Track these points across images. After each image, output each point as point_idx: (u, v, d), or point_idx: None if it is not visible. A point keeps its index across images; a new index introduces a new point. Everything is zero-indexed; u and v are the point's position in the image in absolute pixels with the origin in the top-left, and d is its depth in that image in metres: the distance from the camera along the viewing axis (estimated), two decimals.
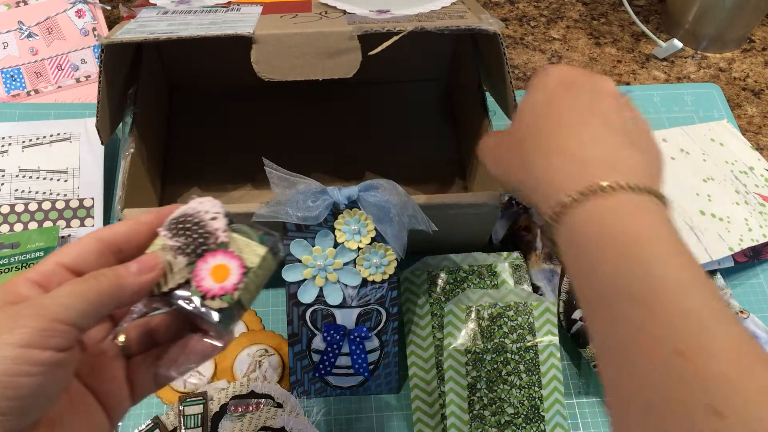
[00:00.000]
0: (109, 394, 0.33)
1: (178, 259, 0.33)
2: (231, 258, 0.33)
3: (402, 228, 0.50)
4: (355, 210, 0.51)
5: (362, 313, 0.53)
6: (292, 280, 0.52)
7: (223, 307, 0.33)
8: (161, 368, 0.34)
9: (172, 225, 0.34)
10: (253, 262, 0.34)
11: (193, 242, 0.34)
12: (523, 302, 0.54)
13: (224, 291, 0.33)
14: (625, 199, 0.33)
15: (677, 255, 0.30)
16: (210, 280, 0.33)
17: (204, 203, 0.35)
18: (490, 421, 0.50)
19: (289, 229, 0.51)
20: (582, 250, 0.33)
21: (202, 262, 0.33)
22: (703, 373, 0.26)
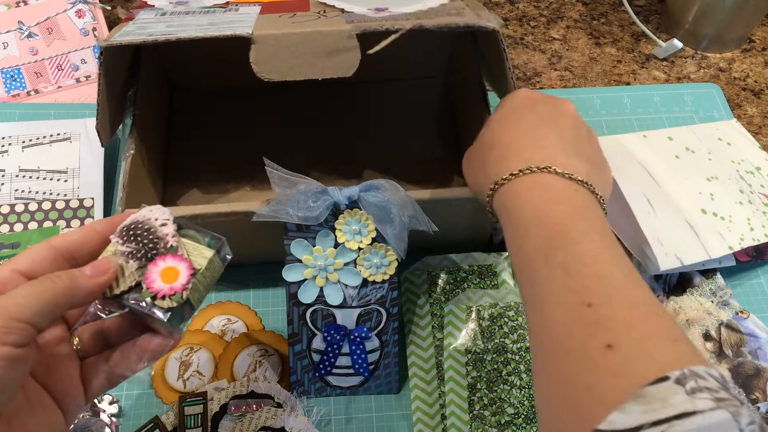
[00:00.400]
0: (65, 393, 0.35)
1: (130, 263, 0.36)
2: (180, 261, 0.36)
3: (403, 228, 0.50)
4: (355, 210, 0.50)
5: (362, 313, 0.53)
6: (292, 280, 0.52)
7: (172, 307, 0.35)
8: (115, 367, 0.37)
9: (123, 232, 0.37)
10: (201, 264, 0.36)
11: (143, 247, 0.36)
12: (523, 302, 0.54)
13: (173, 291, 0.35)
14: (556, 180, 0.39)
15: (595, 232, 0.36)
16: (160, 281, 0.35)
17: (154, 211, 0.37)
18: (491, 422, 0.50)
19: (290, 229, 0.51)
20: (514, 220, 0.39)
21: (153, 265, 0.36)
22: (605, 318, 0.32)
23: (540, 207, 0.38)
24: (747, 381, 0.53)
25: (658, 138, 0.64)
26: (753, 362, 0.54)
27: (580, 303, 0.33)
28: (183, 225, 0.38)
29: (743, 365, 0.54)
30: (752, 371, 0.54)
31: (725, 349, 0.55)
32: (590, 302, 0.33)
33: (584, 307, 0.33)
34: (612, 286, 0.33)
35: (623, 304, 0.32)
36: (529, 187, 0.40)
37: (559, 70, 0.79)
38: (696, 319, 0.56)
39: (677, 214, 0.57)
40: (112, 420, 0.52)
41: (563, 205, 0.38)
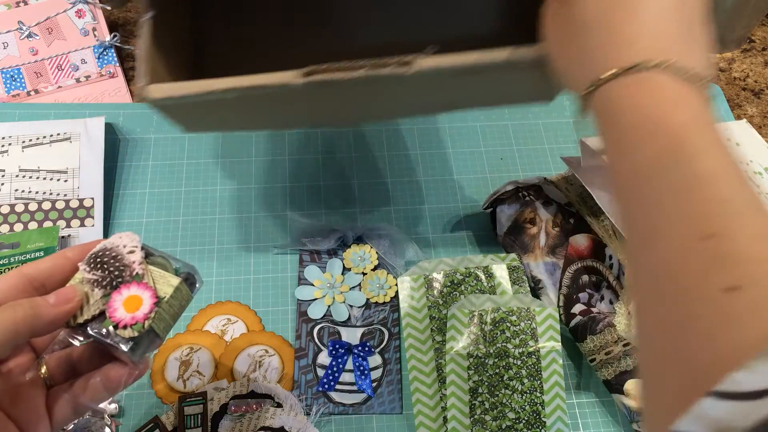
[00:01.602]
0: (29, 422, 0.35)
1: (95, 291, 0.35)
2: (144, 289, 0.35)
3: (402, 257, 0.60)
4: (362, 245, 0.61)
5: (366, 332, 0.57)
6: (303, 298, 0.58)
7: (134, 336, 0.34)
8: (80, 397, 0.36)
9: (91, 259, 0.36)
10: (166, 293, 0.36)
11: (109, 275, 0.36)
12: (525, 308, 0.54)
13: (135, 320, 0.34)
14: (672, 80, 0.32)
15: (715, 146, 0.30)
16: (122, 310, 0.35)
17: (123, 237, 0.37)
18: (492, 426, 0.50)
19: (304, 258, 0.61)
20: (619, 127, 0.32)
21: (117, 293, 0.35)
22: (729, 252, 0.26)
23: (653, 113, 0.31)
24: None
25: None
26: None
27: (697, 233, 0.27)
28: (153, 252, 0.37)
29: None
30: None
31: None
32: (711, 232, 0.26)
33: (703, 239, 0.26)
34: (737, 212, 0.27)
35: (751, 235, 0.26)
36: (640, 87, 0.32)
37: None
38: None
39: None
40: (112, 420, 0.52)
41: (680, 112, 0.31)
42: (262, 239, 0.62)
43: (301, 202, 0.65)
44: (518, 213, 0.61)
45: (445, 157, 0.69)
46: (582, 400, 0.55)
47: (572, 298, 0.56)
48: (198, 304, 0.58)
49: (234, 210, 0.64)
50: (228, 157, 0.68)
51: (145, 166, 0.66)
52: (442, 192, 0.67)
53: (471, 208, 0.66)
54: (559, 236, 0.59)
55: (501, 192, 0.61)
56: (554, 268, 0.58)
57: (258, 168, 0.67)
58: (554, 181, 0.62)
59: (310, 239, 0.61)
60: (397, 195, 0.66)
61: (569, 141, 0.71)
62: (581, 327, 0.55)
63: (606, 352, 0.54)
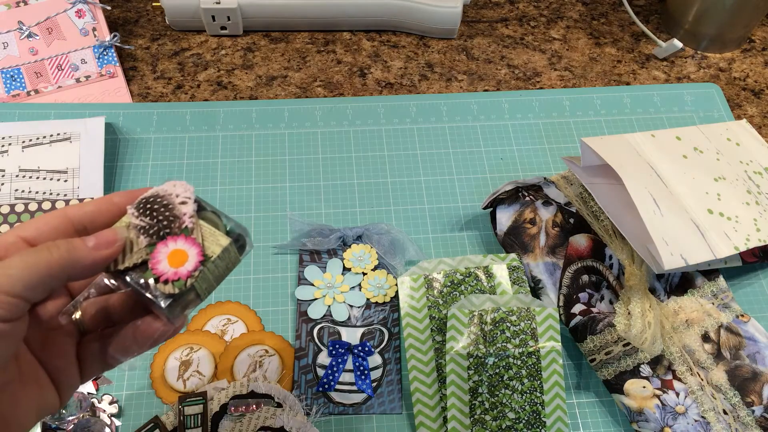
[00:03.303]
0: (59, 369, 0.33)
1: (140, 239, 0.33)
2: (191, 245, 0.33)
3: (402, 257, 0.60)
4: (361, 245, 0.61)
5: (366, 332, 0.57)
6: (303, 298, 0.58)
7: (173, 293, 0.32)
8: (110, 348, 0.34)
9: (140, 204, 0.34)
10: (214, 252, 0.33)
11: (157, 224, 0.33)
12: (525, 308, 0.54)
13: (177, 276, 0.32)
14: None
15: None
16: (166, 263, 0.33)
17: (177, 186, 0.35)
18: (492, 426, 0.50)
19: (305, 258, 0.60)
20: None
21: (162, 245, 0.33)
22: None
23: None
24: (743, 384, 0.53)
25: (667, 137, 0.64)
26: (750, 365, 0.54)
27: None
28: (206, 206, 0.35)
29: (740, 368, 0.54)
30: (749, 374, 0.54)
31: (723, 351, 0.55)
32: None
33: None
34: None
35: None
36: None
37: (559, 70, 0.79)
38: (695, 320, 0.56)
39: (683, 213, 0.57)
40: (112, 420, 0.52)
41: None
42: (262, 239, 0.62)
43: (301, 202, 0.65)
44: (518, 213, 0.61)
45: (445, 157, 0.69)
46: (582, 400, 0.55)
47: (572, 298, 0.56)
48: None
49: (234, 210, 0.64)
50: (228, 157, 0.68)
51: (145, 166, 0.67)
52: (442, 192, 0.67)
53: (471, 208, 0.66)
54: (559, 236, 0.59)
55: (501, 192, 0.61)
56: (554, 268, 0.58)
57: (258, 168, 0.67)
58: (554, 181, 0.62)
59: (310, 239, 0.61)
60: (397, 195, 0.66)
61: (569, 141, 0.71)
62: (581, 327, 0.55)
63: (606, 352, 0.54)
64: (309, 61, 0.78)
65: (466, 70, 0.78)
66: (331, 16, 0.78)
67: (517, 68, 0.79)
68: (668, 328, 0.55)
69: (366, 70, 0.77)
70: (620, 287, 0.57)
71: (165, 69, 0.76)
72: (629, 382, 0.53)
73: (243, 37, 0.79)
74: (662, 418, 0.51)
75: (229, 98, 0.74)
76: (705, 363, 0.54)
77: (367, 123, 0.71)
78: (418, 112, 0.73)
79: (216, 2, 0.75)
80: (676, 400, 0.52)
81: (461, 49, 0.80)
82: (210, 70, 0.76)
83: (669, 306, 0.57)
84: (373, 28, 0.81)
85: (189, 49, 0.78)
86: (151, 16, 0.81)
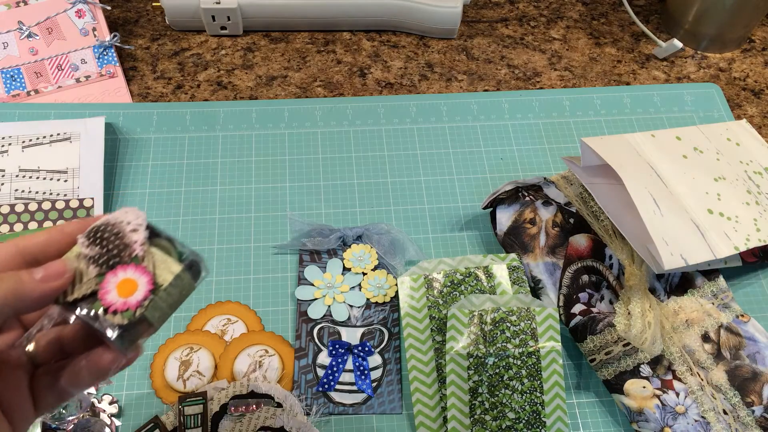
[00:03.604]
0: (12, 403, 0.32)
1: (90, 268, 0.33)
2: (141, 273, 0.33)
3: (402, 257, 0.60)
4: (361, 245, 0.61)
5: (366, 332, 0.57)
6: (303, 298, 0.58)
7: (122, 324, 0.32)
8: (62, 380, 0.33)
9: (91, 233, 0.33)
10: (165, 280, 0.33)
11: (107, 253, 0.33)
12: (525, 308, 0.54)
13: (126, 306, 0.32)
14: None
15: None
16: (115, 293, 0.32)
17: (129, 213, 0.34)
18: (492, 426, 0.50)
19: (304, 258, 0.60)
20: None
21: (112, 274, 0.32)
22: None
23: None
24: (743, 384, 0.53)
25: (667, 137, 0.64)
26: (750, 365, 0.54)
27: None
28: (159, 233, 0.34)
29: (740, 368, 0.54)
30: (749, 374, 0.54)
31: (723, 351, 0.55)
32: None
33: None
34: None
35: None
36: None
37: (559, 70, 0.79)
38: (695, 320, 0.56)
39: (683, 213, 0.57)
40: (112, 420, 0.52)
41: None
42: (262, 239, 0.62)
43: (301, 202, 0.65)
44: (518, 213, 0.61)
45: (445, 157, 0.69)
46: (582, 400, 0.55)
47: (572, 298, 0.56)
48: (198, 304, 0.58)
49: (234, 210, 0.64)
50: (228, 157, 0.68)
51: (145, 166, 0.67)
52: (442, 192, 0.67)
53: (471, 208, 0.66)
54: (559, 236, 0.59)
55: (501, 192, 0.61)
56: (554, 268, 0.58)
57: (258, 168, 0.67)
58: (554, 181, 0.62)
59: (310, 239, 0.61)
60: (397, 195, 0.66)
61: (569, 141, 0.71)
62: (581, 327, 0.55)
63: (606, 352, 0.54)
64: (309, 61, 0.78)
65: (466, 70, 0.78)
66: (331, 16, 0.78)
67: (517, 68, 0.79)
68: (668, 328, 0.55)
69: (366, 70, 0.77)
70: (620, 287, 0.57)
71: (165, 69, 0.76)
72: (629, 382, 0.53)
73: (243, 37, 0.79)
74: (662, 418, 0.51)
75: (229, 98, 0.74)
76: (705, 363, 0.54)
77: (367, 123, 0.71)
78: (418, 112, 0.73)
79: (216, 2, 0.75)
80: (676, 400, 0.52)
81: (461, 49, 0.80)
82: (210, 70, 0.76)
83: (669, 306, 0.57)
84: (373, 28, 0.81)
85: (189, 49, 0.78)
86: (151, 16, 0.81)
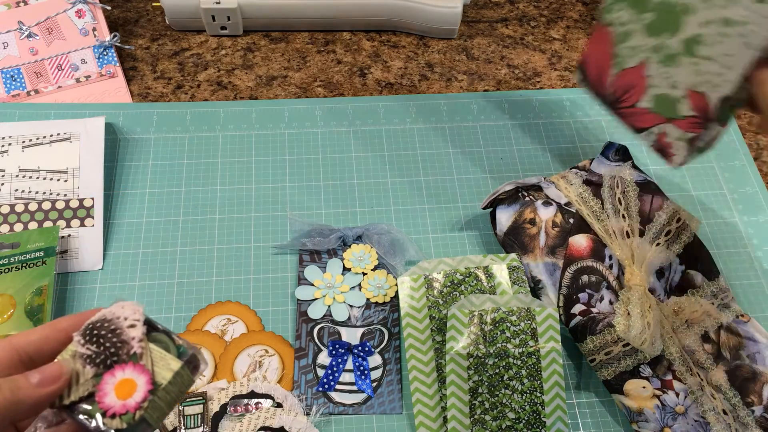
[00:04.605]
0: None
1: (86, 368, 0.32)
2: (140, 372, 0.32)
3: (402, 257, 0.60)
4: (361, 245, 0.61)
5: (366, 332, 0.57)
6: (303, 298, 0.58)
7: (121, 428, 0.30)
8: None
9: (87, 331, 0.32)
10: (165, 378, 0.32)
11: (104, 351, 0.32)
12: (525, 308, 0.54)
13: (126, 409, 0.31)
14: None
15: None
16: (113, 395, 0.31)
17: (125, 308, 0.33)
18: (492, 426, 0.50)
19: (305, 258, 0.61)
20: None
21: (110, 375, 0.31)
22: None
23: None
24: (743, 384, 0.53)
25: None
26: (750, 366, 0.54)
27: None
28: (156, 326, 0.33)
29: (740, 368, 0.54)
30: (749, 375, 0.54)
31: (723, 351, 0.55)
32: None
33: None
34: None
35: None
36: None
37: (559, 70, 0.79)
38: (695, 320, 0.56)
39: None
40: None
41: None
42: (262, 239, 0.62)
43: (301, 202, 0.65)
44: (518, 213, 0.61)
45: (445, 157, 0.69)
46: (582, 400, 0.55)
47: (572, 298, 0.56)
48: (198, 304, 0.58)
49: (234, 210, 0.64)
50: (228, 157, 0.68)
51: (145, 166, 0.67)
52: (442, 192, 0.67)
53: (471, 208, 0.66)
54: (559, 236, 0.59)
55: (501, 192, 0.61)
56: (554, 268, 0.58)
57: (258, 168, 0.67)
58: (554, 181, 0.62)
59: (310, 239, 0.61)
60: (397, 195, 0.66)
61: (569, 141, 0.71)
62: (581, 327, 0.55)
63: (606, 353, 0.54)
64: (309, 61, 0.78)
65: (466, 70, 0.78)
66: (331, 16, 0.78)
67: (517, 68, 0.79)
68: (668, 328, 0.55)
69: (366, 70, 0.77)
70: (620, 287, 0.57)
71: (165, 69, 0.76)
72: (629, 382, 0.53)
73: (243, 37, 0.79)
74: (662, 418, 0.51)
75: (229, 98, 0.74)
76: (705, 363, 0.54)
77: (367, 123, 0.71)
78: (418, 112, 0.73)
79: (216, 2, 0.75)
80: (676, 400, 0.52)
81: (461, 49, 0.80)
82: (210, 70, 0.76)
83: (669, 306, 0.57)
84: (373, 28, 0.81)
85: (189, 49, 0.78)
86: (151, 16, 0.81)
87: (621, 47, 0.56)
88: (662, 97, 0.54)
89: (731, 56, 0.48)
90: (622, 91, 0.57)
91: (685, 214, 0.60)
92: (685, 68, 0.52)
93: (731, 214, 0.67)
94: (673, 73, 0.53)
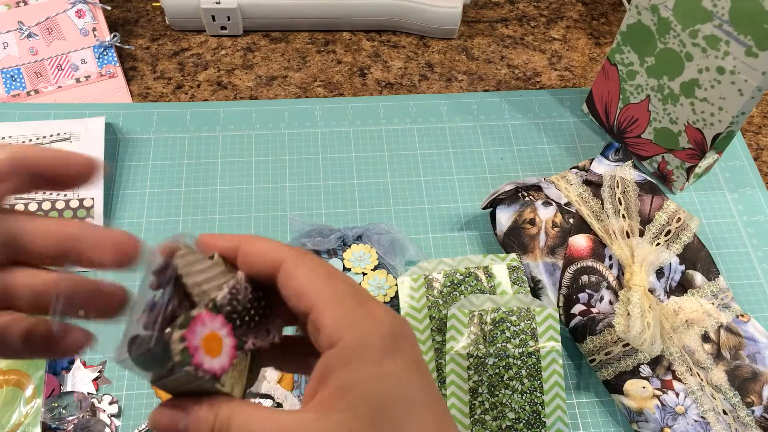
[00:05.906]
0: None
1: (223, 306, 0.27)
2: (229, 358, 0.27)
3: (402, 257, 0.60)
4: (361, 245, 0.61)
5: None
6: None
7: (174, 358, 0.25)
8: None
9: (240, 289, 0.28)
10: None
11: (249, 320, 0.28)
12: (525, 308, 0.54)
13: (200, 361, 0.25)
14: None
15: None
16: (203, 344, 0.26)
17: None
18: (492, 426, 0.50)
19: None
20: None
21: (230, 335, 0.27)
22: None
23: None
24: (743, 384, 0.53)
25: None
26: (750, 366, 0.54)
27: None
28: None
29: (740, 368, 0.54)
30: (749, 375, 0.54)
31: (723, 351, 0.55)
32: None
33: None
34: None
35: None
36: None
37: (559, 70, 0.79)
38: (695, 320, 0.56)
39: None
40: (112, 420, 0.52)
41: None
42: None
43: (301, 202, 0.65)
44: (518, 213, 0.61)
45: (445, 157, 0.69)
46: (582, 400, 0.55)
47: (572, 298, 0.56)
48: None
49: (234, 210, 0.64)
50: (228, 157, 0.68)
51: (145, 166, 0.67)
52: (442, 192, 0.67)
53: (471, 208, 0.66)
54: (559, 236, 0.59)
55: (501, 192, 0.61)
56: (554, 268, 0.58)
57: (258, 168, 0.67)
58: (554, 181, 0.62)
59: (310, 239, 0.61)
60: (397, 195, 0.66)
61: (569, 141, 0.71)
62: (581, 327, 0.55)
63: (606, 353, 0.54)
64: (309, 61, 0.78)
65: (466, 70, 0.78)
66: (331, 16, 0.78)
67: (517, 68, 0.79)
68: (668, 328, 0.55)
69: (366, 70, 0.77)
70: (620, 287, 0.57)
71: (165, 69, 0.76)
72: (629, 382, 0.53)
73: (243, 37, 0.79)
74: (662, 418, 0.51)
75: (229, 98, 0.74)
76: (705, 363, 0.54)
77: (367, 123, 0.71)
78: (418, 112, 0.73)
79: (216, 2, 0.75)
80: (676, 400, 0.52)
81: (461, 49, 0.80)
82: (210, 70, 0.76)
83: (669, 306, 0.57)
84: (373, 28, 0.81)
85: (189, 49, 0.78)
86: (151, 16, 0.81)
87: (627, 84, 0.64)
88: (663, 130, 0.63)
89: (725, 100, 0.56)
90: (627, 123, 0.66)
91: (685, 214, 0.60)
92: (683, 107, 0.60)
93: (731, 215, 0.67)
94: (673, 110, 0.61)
